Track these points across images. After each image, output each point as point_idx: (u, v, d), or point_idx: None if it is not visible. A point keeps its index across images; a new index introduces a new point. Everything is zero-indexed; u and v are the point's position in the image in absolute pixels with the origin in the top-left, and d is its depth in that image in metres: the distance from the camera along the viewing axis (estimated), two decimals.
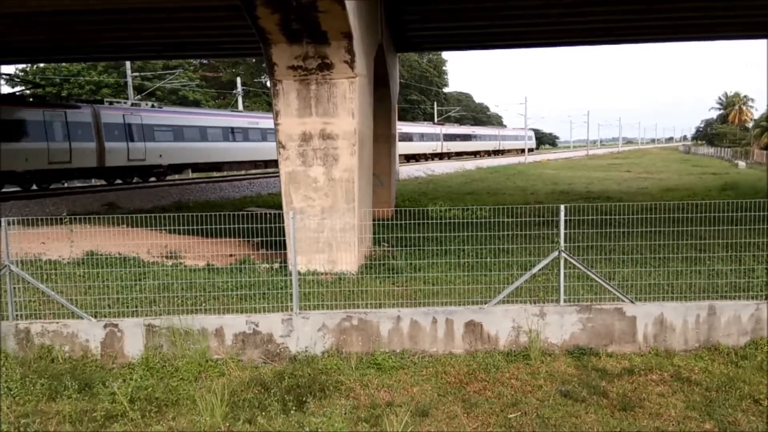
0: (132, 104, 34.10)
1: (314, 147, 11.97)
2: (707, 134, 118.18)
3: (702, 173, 45.28)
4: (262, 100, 71.15)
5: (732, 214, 9.19)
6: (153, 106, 35.32)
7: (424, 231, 10.29)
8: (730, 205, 9.11)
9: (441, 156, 68.43)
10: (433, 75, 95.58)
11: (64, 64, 52.46)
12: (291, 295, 8.83)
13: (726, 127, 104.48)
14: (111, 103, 33.00)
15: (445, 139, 70.42)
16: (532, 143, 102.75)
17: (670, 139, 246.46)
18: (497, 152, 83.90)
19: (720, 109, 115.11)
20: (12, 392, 7.33)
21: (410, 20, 18.72)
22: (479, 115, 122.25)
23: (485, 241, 9.98)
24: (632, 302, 8.80)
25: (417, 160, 62.07)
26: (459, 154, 73.35)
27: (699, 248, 10.20)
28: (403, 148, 58.08)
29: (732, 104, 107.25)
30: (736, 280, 9.52)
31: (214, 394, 6.86)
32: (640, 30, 21.16)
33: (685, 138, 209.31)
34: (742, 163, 58.94)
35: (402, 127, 57.67)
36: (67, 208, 20.77)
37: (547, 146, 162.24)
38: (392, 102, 20.34)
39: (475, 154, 77.81)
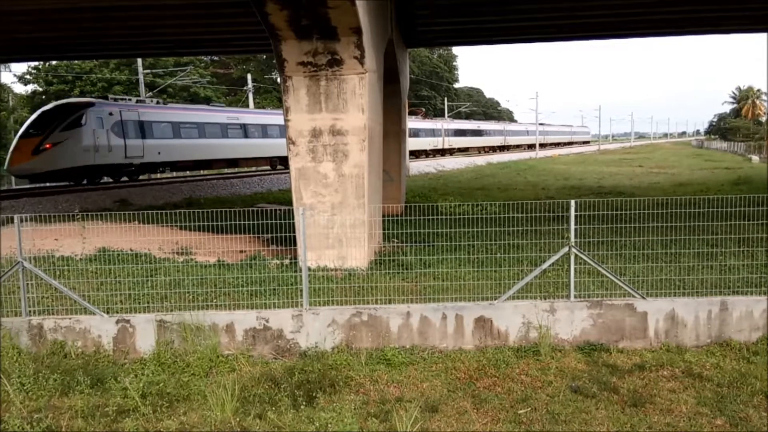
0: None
1: (324, 143, 11.98)
2: (720, 128, 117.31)
3: (715, 168, 44.92)
4: (272, 96, 71.20)
5: (745, 209, 9.11)
6: None
7: (434, 227, 10.27)
8: (743, 200, 9.04)
9: (542, 146, 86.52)
10: (444, 70, 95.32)
11: (76, 61, 52.76)
12: (301, 290, 8.86)
13: (739, 122, 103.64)
14: None
15: (541, 134, 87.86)
16: (589, 137, 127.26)
17: (683, 133, 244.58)
18: (571, 143, 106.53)
19: (733, 103, 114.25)
20: (25, 387, 7.39)
21: (420, 15, 18.67)
22: (490, 111, 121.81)
23: (495, 236, 9.96)
24: (643, 298, 8.76)
25: (519, 148, 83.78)
26: (551, 144, 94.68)
27: (711, 243, 10.12)
28: (520, 141, 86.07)
29: (745, 98, 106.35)
30: (749, 275, 9.46)
31: (224, 389, 6.89)
32: (652, 24, 21.00)
33: (697, 132, 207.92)
34: (755, 158, 58.45)
35: (516, 126, 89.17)
36: (80, 205, 20.93)
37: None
38: (402, 98, 20.31)
39: (557, 144, 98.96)
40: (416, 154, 57.60)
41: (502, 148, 79.76)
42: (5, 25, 18.12)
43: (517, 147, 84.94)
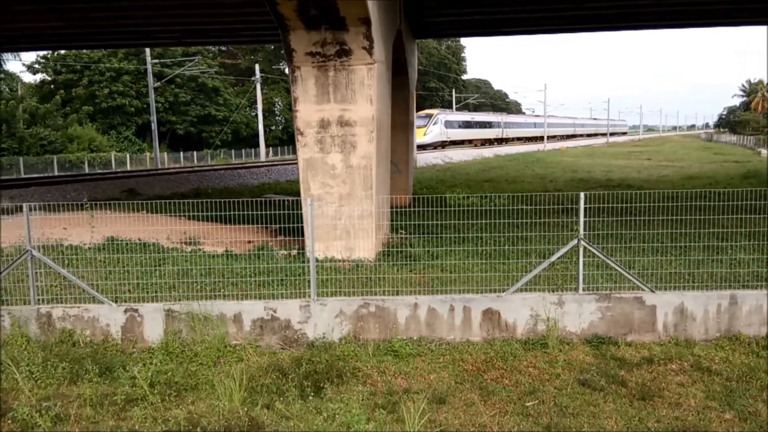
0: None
1: (332, 134, 11.96)
2: (730, 122, 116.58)
3: (724, 161, 44.68)
4: (280, 87, 71.17)
5: (754, 203, 9.05)
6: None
7: (441, 218, 10.25)
8: (753, 194, 8.97)
9: (593, 135, 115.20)
10: (452, 62, 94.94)
11: (84, 51, 52.81)
12: (309, 281, 8.86)
13: (749, 115, 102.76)
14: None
15: (593, 127, 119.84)
16: (626, 129, 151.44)
17: (692, 126, 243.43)
18: (613, 134, 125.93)
19: (743, 96, 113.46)
20: (34, 375, 7.42)
21: (429, 6, 18.58)
22: (498, 102, 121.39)
23: (503, 228, 9.93)
24: (652, 291, 8.72)
25: (582, 136, 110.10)
26: (597, 134, 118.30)
27: (720, 237, 10.06)
28: (584, 131, 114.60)
29: (755, 91, 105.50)
30: (758, 269, 9.39)
31: (232, 379, 6.91)
32: (662, 15, 20.84)
33: (707, 125, 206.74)
34: (764, 151, 58.02)
35: (557, 119, 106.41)
36: (88, 194, 21.00)
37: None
38: (410, 89, 20.24)
39: (602, 135, 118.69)
40: (530, 140, 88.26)
41: (572, 137, 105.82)
42: (12, 14, 18.13)
43: (580, 135, 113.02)
